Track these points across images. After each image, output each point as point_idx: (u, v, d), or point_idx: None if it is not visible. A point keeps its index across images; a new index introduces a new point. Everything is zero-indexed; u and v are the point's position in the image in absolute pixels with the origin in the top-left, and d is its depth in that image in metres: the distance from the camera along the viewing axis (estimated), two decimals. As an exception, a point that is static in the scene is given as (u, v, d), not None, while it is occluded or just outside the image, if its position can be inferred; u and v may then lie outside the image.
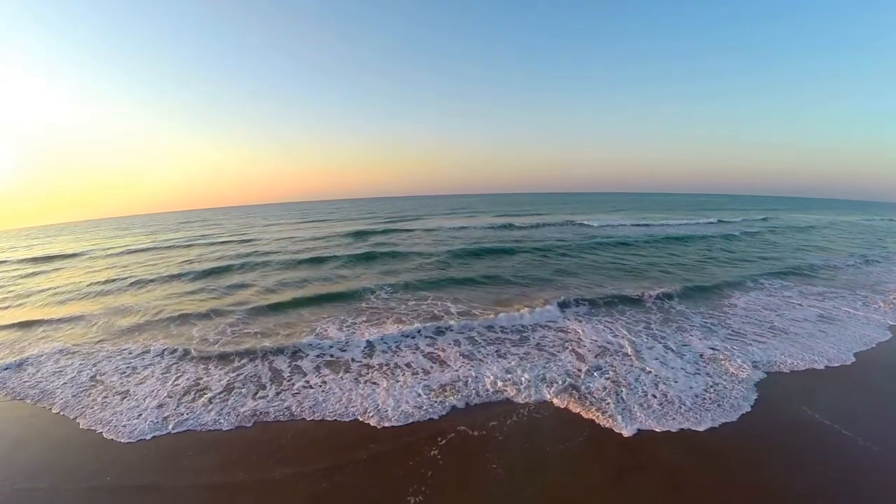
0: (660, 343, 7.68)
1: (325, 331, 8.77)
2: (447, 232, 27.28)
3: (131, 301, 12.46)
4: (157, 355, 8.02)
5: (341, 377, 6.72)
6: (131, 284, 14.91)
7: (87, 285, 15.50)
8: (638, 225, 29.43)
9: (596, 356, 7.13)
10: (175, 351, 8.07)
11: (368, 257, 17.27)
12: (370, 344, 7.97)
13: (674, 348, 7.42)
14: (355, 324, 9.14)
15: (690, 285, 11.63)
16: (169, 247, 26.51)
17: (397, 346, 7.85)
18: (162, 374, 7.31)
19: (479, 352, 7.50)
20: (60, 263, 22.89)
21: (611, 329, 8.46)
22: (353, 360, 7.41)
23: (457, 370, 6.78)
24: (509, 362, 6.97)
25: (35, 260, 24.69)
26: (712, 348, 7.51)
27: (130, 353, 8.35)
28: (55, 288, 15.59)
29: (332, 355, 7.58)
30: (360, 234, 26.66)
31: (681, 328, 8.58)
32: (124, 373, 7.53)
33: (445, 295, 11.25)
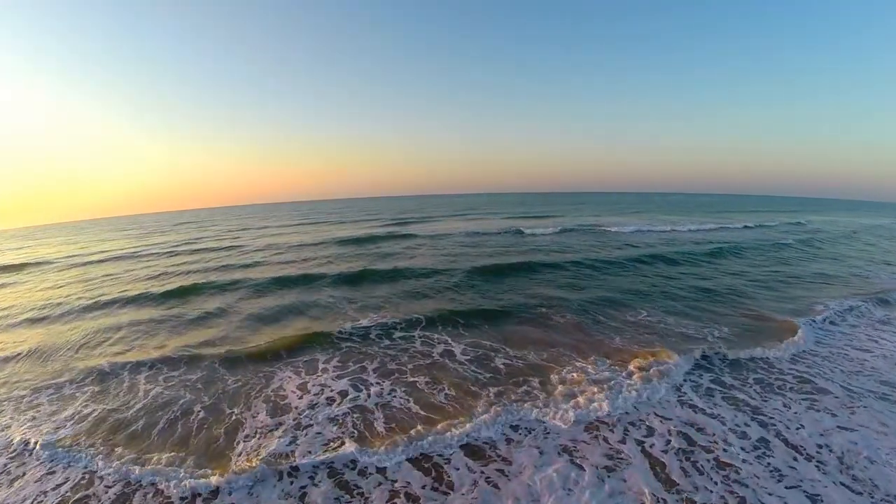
0: (765, 428, 5.19)
1: (284, 397, 6.40)
2: (456, 238, 24.66)
3: (70, 336, 10.19)
4: (57, 439, 5.75)
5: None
6: (85, 308, 12.76)
7: (39, 307, 13.44)
8: (674, 230, 26.80)
9: (684, 472, 4.59)
10: (80, 435, 5.84)
11: (361, 277, 14.45)
12: (339, 424, 5.63)
13: (794, 441, 4.92)
14: (326, 384, 6.75)
15: (760, 316, 9.16)
16: (151, 254, 24.48)
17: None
18: (48, 469, 5.18)
19: (504, 467, 5.05)
20: (28, 273, 20.97)
21: (693, 408, 5.99)
22: (310, 452, 5.07)
23: None
24: (540, 494, 4.54)
25: (5, 268, 22.81)
26: (846, 432, 5.08)
27: (35, 417, 6.41)
28: (2, 309, 13.60)
29: (277, 450, 5.13)
30: (357, 242, 24.24)
31: (768, 386, 6.25)
32: (12, 457, 5.52)
33: (455, 338, 8.49)
